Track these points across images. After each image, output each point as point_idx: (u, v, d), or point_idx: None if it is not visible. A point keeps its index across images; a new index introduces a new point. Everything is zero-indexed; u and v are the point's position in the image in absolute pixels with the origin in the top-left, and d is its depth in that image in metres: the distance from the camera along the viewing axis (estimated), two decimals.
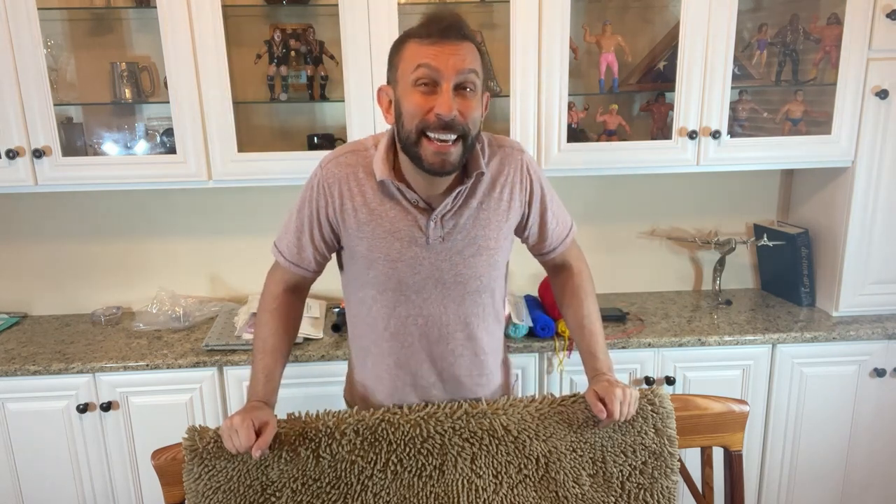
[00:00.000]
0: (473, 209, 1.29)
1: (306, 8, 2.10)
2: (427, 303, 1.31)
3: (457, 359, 1.36)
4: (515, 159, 1.34)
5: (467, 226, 1.29)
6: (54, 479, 2.01)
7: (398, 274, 1.28)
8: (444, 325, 1.33)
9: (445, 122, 1.14)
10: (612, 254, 2.47)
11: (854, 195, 2.09)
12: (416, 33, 1.16)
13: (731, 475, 1.38)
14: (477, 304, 1.34)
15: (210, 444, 1.20)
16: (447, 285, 1.30)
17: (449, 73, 1.13)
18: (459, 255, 1.29)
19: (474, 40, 1.18)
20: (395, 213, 1.27)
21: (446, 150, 1.16)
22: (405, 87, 1.16)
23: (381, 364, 1.37)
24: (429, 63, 1.13)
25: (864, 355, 2.09)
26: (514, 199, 1.33)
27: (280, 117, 2.25)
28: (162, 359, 1.93)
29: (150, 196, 2.30)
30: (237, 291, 2.40)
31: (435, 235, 1.27)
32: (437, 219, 1.26)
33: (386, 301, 1.31)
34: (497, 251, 1.32)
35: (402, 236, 1.27)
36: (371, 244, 1.27)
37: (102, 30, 2.14)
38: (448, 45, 1.13)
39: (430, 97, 1.14)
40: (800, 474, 2.19)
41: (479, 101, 1.19)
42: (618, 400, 1.23)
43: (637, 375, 2.06)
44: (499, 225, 1.32)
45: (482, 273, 1.32)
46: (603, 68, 2.08)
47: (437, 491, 1.24)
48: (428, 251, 1.28)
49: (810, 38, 2.08)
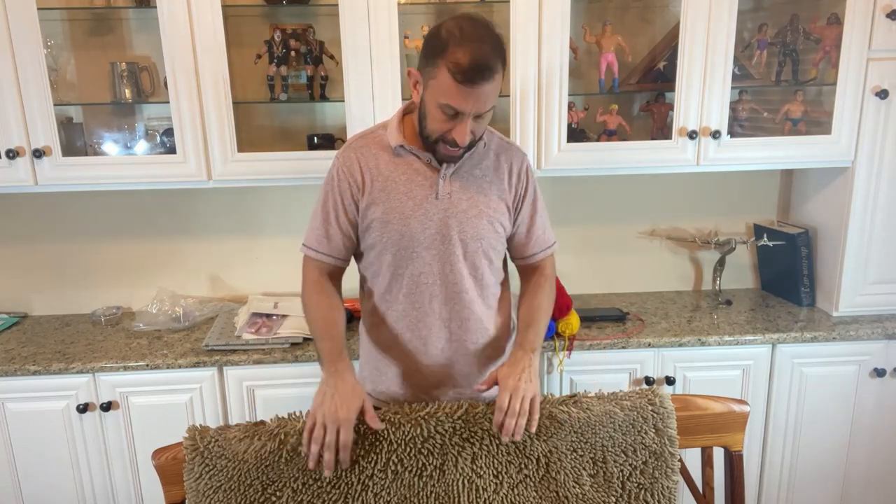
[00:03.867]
0: (477, 178, 1.43)
1: (306, 8, 2.10)
2: (436, 260, 1.41)
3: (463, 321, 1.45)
4: (519, 156, 1.50)
5: (471, 189, 1.42)
6: (54, 479, 2.01)
7: (410, 230, 1.39)
8: (453, 284, 1.43)
9: None
10: (612, 254, 2.47)
11: (854, 195, 2.10)
12: (454, 70, 1.22)
13: (732, 475, 1.38)
14: (477, 269, 1.44)
15: (211, 444, 1.20)
16: (453, 243, 1.41)
17: (469, 110, 1.27)
18: (464, 213, 1.41)
19: (503, 57, 1.27)
20: (407, 177, 1.40)
21: (457, 154, 1.36)
22: (432, 102, 1.29)
23: (396, 330, 1.46)
24: (456, 106, 1.26)
25: (864, 355, 2.10)
26: (513, 186, 1.47)
27: (280, 117, 2.25)
28: (162, 359, 1.93)
29: (150, 196, 2.30)
30: (237, 291, 2.40)
31: (444, 191, 1.40)
32: (446, 176, 1.40)
33: (400, 261, 1.42)
34: (495, 220, 1.44)
35: (415, 195, 1.40)
36: (387, 207, 1.40)
37: (102, 30, 2.14)
38: (478, 90, 1.24)
39: (452, 121, 1.29)
40: (800, 474, 2.19)
41: (490, 114, 1.33)
42: (508, 391, 1.23)
43: (637, 375, 2.06)
44: (497, 199, 1.44)
45: (483, 235, 1.42)
46: (603, 68, 2.08)
47: (437, 491, 1.24)
48: (437, 206, 1.40)
49: (810, 38, 2.08)
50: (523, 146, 2.00)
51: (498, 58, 1.25)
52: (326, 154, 2.03)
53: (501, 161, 1.46)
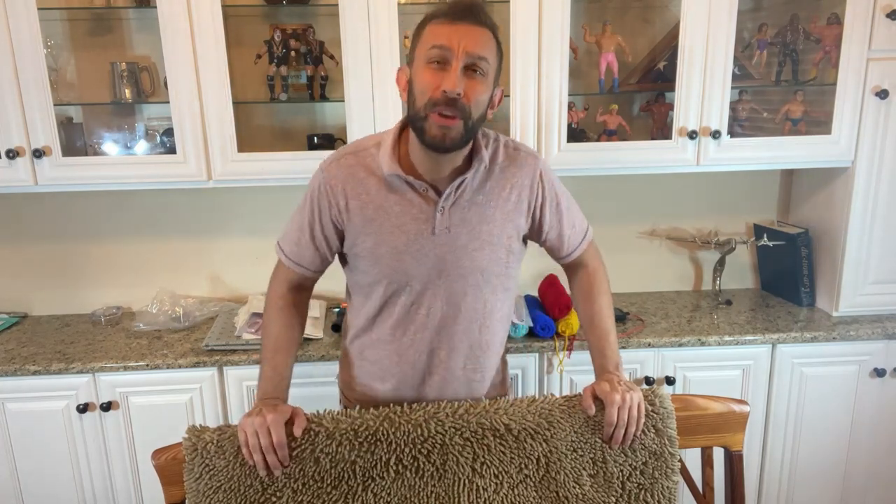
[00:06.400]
0: (480, 205, 1.31)
1: (306, 8, 2.10)
2: (429, 293, 1.33)
3: (452, 351, 1.36)
4: (529, 164, 1.36)
5: (473, 220, 1.31)
6: (54, 479, 2.01)
7: (404, 266, 1.30)
8: (446, 317, 1.34)
9: (450, 99, 1.17)
10: (611, 254, 2.46)
11: (854, 195, 2.09)
12: (435, 14, 1.20)
13: (732, 475, 1.38)
14: (478, 300, 1.35)
15: (211, 444, 1.20)
16: (450, 277, 1.32)
17: (459, 52, 1.17)
18: (463, 248, 1.31)
19: (493, 29, 1.22)
20: (400, 208, 1.29)
21: (450, 125, 1.19)
22: (419, 65, 1.21)
23: (381, 358, 1.38)
24: (442, 43, 1.17)
25: (864, 355, 2.09)
26: (522, 202, 1.35)
27: (280, 117, 2.25)
28: (162, 359, 1.93)
29: (151, 196, 2.30)
30: (237, 291, 2.40)
31: (441, 226, 1.29)
32: (444, 209, 1.29)
33: (390, 293, 1.33)
34: (499, 247, 1.33)
35: (408, 229, 1.29)
36: (378, 239, 1.30)
37: (102, 30, 2.14)
38: (463, 25, 1.17)
39: (441, 74, 1.18)
40: (800, 474, 2.19)
41: (487, 87, 1.22)
42: (616, 405, 1.24)
43: (637, 375, 2.06)
44: (503, 222, 1.33)
45: (484, 267, 1.33)
46: (603, 68, 2.08)
47: (437, 491, 1.24)
48: (433, 242, 1.30)
49: (810, 38, 2.08)
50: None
51: (483, 11, 1.20)
52: (326, 154, 2.03)
53: (507, 177, 1.34)
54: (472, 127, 1.23)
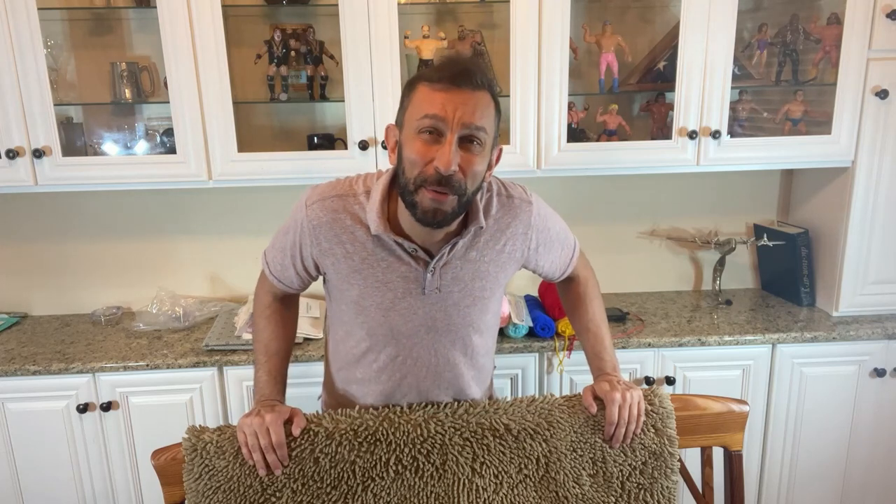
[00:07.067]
0: (473, 262, 1.25)
1: (306, 8, 2.10)
2: (417, 347, 1.29)
3: (441, 392, 1.34)
4: (524, 212, 1.29)
5: (465, 279, 1.26)
6: (54, 479, 2.01)
7: (390, 322, 1.26)
8: (433, 366, 1.32)
9: (442, 177, 1.08)
10: (612, 254, 2.47)
11: (854, 195, 2.09)
12: (427, 76, 1.10)
13: (731, 475, 1.38)
14: (467, 346, 1.33)
15: (210, 444, 1.20)
16: (439, 332, 1.29)
17: (454, 123, 1.07)
18: (455, 306, 1.27)
19: (491, 90, 1.12)
20: (387, 264, 1.22)
21: (442, 200, 1.10)
22: (410, 133, 1.11)
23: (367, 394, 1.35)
24: (435, 113, 1.07)
25: (864, 355, 2.09)
26: (516, 251, 1.30)
27: (280, 117, 2.25)
28: (162, 359, 1.93)
29: (150, 196, 2.30)
30: (237, 291, 2.40)
31: (431, 287, 1.24)
32: (436, 269, 1.23)
33: (374, 343, 1.30)
34: (491, 300, 1.32)
35: (395, 287, 1.23)
36: (363, 291, 1.24)
37: (102, 30, 2.14)
38: (458, 93, 1.07)
39: (433, 147, 1.09)
40: (800, 474, 2.19)
41: (484, 157, 1.13)
42: (616, 404, 1.24)
43: (637, 375, 2.06)
44: (496, 276, 1.30)
45: (474, 320, 1.31)
46: (603, 68, 2.08)
47: (437, 491, 1.24)
48: (423, 301, 1.25)
49: (810, 38, 2.08)
50: (523, 146, 2.01)
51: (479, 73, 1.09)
52: (326, 154, 2.04)
53: (502, 228, 1.27)
54: (468, 201, 1.15)
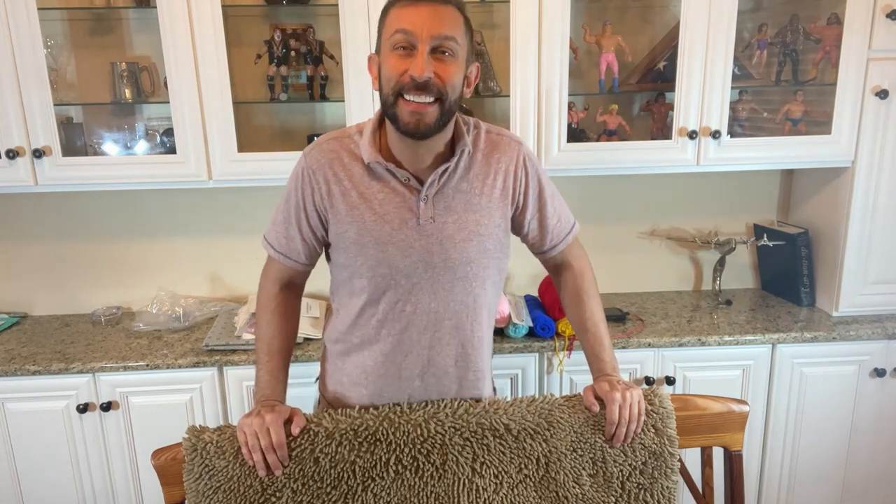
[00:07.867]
0: (465, 192, 1.28)
1: (306, 8, 2.10)
2: (416, 288, 1.29)
3: (444, 347, 1.32)
4: (512, 149, 1.33)
5: (459, 209, 1.28)
6: (54, 479, 2.01)
7: (388, 258, 1.26)
8: (433, 312, 1.30)
9: (419, 84, 1.14)
10: (612, 254, 2.47)
11: (854, 195, 2.09)
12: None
13: (731, 475, 1.38)
14: (467, 293, 1.31)
15: (210, 444, 1.20)
16: (437, 269, 1.28)
17: (424, 35, 1.13)
18: (450, 239, 1.27)
19: (458, 4, 1.18)
20: (384, 196, 1.26)
21: (422, 110, 1.16)
22: (385, 53, 1.18)
23: (368, 358, 1.34)
24: (405, 28, 1.14)
25: (864, 355, 2.09)
26: (508, 188, 1.32)
27: (280, 117, 2.25)
28: (162, 359, 1.93)
29: (150, 196, 2.30)
30: (237, 291, 2.40)
31: (426, 216, 1.26)
32: (428, 198, 1.26)
33: (375, 288, 1.29)
34: (488, 238, 1.30)
35: (391, 219, 1.26)
36: (361, 228, 1.26)
37: (102, 30, 2.14)
38: (425, 7, 1.14)
39: (407, 60, 1.15)
40: (800, 474, 2.19)
41: (459, 67, 1.19)
42: (616, 403, 1.24)
43: (637, 375, 2.06)
44: (490, 211, 1.30)
45: (472, 259, 1.29)
46: (603, 68, 2.08)
47: (437, 491, 1.24)
48: (419, 233, 1.26)
49: (810, 38, 2.08)
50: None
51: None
52: None
53: (492, 163, 1.30)
54: (449, 108, 1.19)
